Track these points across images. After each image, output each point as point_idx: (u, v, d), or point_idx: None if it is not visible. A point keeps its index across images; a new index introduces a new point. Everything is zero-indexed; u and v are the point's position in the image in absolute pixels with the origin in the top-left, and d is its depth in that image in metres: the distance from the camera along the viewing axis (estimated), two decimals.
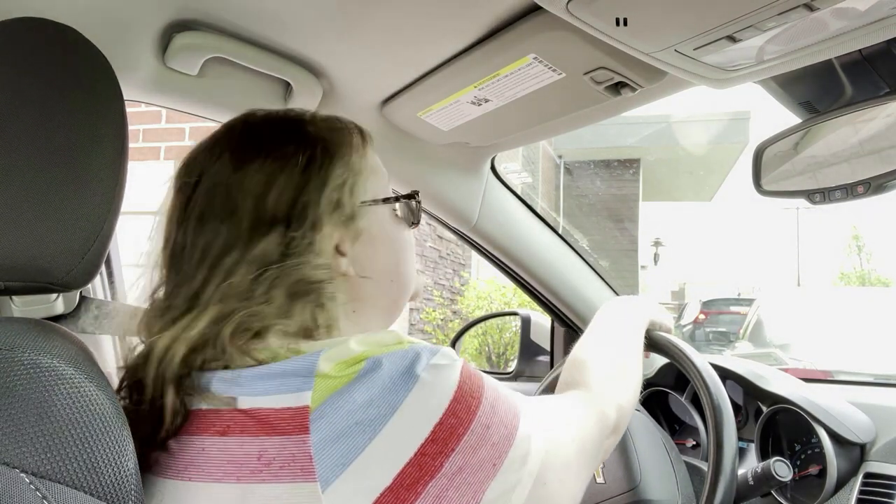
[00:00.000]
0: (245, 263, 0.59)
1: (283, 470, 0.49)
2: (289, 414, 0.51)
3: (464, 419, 0.53)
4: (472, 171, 1.29)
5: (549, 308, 1.50)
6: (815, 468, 1.02)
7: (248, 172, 0.62)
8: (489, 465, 0.54)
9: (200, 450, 0.53)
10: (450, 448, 0.52)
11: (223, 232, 0.60)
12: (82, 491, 0.45)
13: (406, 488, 0.50)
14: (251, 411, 0.52)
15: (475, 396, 0.55)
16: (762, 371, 1.18)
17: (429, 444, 0.51)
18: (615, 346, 0.85)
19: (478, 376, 0.57)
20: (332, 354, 0.54)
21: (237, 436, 0.52)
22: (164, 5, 0.82)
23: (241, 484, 0.50)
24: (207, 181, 0.63)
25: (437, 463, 0.51)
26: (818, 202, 0.86)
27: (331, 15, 0.83)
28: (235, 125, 0.68)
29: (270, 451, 0.50)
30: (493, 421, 0.55)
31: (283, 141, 0.65)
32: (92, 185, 0.53)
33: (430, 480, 0.50)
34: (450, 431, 0.52)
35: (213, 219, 0.61)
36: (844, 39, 0.65)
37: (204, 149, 0.67)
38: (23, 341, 0.48)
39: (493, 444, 0.54)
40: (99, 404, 0.48)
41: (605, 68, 0.83)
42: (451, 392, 0.54)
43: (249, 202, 0.61)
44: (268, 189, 0.61)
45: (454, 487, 0.51)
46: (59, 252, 0.51)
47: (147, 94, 0.96)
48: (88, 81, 0.55)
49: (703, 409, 0.89)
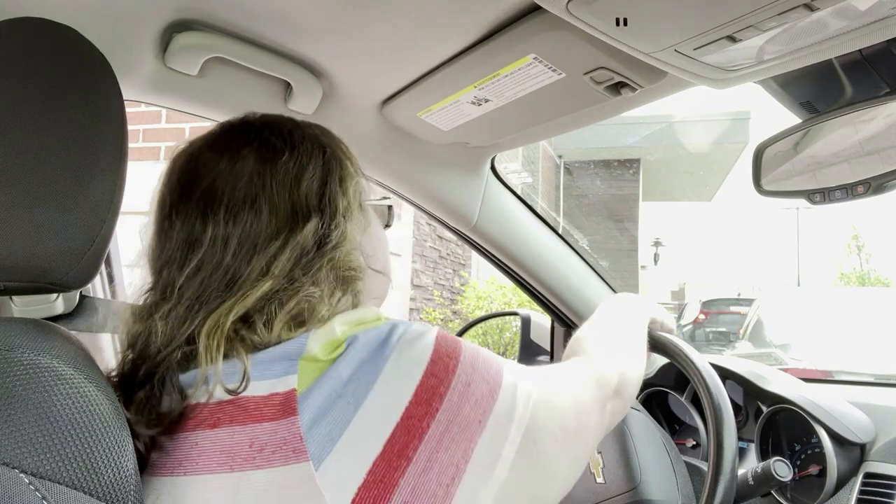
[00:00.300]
0: (288, 249, 0.61)
1: (276, 454, 0.50)
2: (277, 400, 0.52)
3: (443, 378, 0.55)
4: (471, 171, 1.29)
5: (549, 308, 1.50)
6: (815, 468, 1.02)
7: (276, 165, 0.65)
8: (475, 423, 0.55)
9: (193, 444, 0.54)
10: (434, 408, 0.53)
11: (262, 221, 0.62)
12: (82, 491, 0.45)
13: (397, 454, 0.51)
14: (239, 400, 0.53)
15: (452, 357, 0.57)
16: (762, 371, 1.18)
17: (413, 406, 0.53)
18: (618, 328, 0.86)
19: (454, 339, 0.60)
20: (320, 336, 0.56)
21: (227, 426, 0.53)
22: (164, 5, 0.82)
23: (234, 473, 0.51)
24: (229, 176, 0.64)
25: (423, 424, 0.53)
26: (818, 202, 0.86)
27: (331, 15, 0.83)
28: (252, 123, 0.70)
29: (262, 437, 0.51)
30: (474, 378, 0.57)
31: (300, 138, 0.69)
32: (92, 185, 0.53)
33: (419, 444, 0.52)
34: (431, 391, 0.54)
35: (247, 210, 0.63)
36: (844, 39, 0.65)
37: (211, 146, 0.67)
38: (22, 341, 0.49)
39: (477, 401, 0.56)
40: (98, 405, 0.48)
41: (605, 68, 0.83)
42: (427, 354, 0.56)
43: (284, 193, 0.64)
44: (299, 181, 0.65)
45: (443, 448, 0.53)
46: (58, 252, 0.51)
47: (147, 94, 0.95)
48: (88, 81, 0.55)
49: (704, 409, 0.89)
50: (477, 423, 0.55)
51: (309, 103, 1.02)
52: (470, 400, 0.55)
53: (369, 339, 0.56)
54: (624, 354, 0.80)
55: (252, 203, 0.63)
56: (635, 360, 0.82)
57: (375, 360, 0.54)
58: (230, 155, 0.65)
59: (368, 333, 0.56)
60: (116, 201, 0.56)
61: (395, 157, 1.20)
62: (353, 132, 1.12)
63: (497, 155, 1.30)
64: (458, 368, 0.57)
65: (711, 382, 0.88)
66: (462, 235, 1.38)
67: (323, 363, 0.54)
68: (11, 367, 0.46)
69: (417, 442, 0.52)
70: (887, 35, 0.64)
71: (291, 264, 0.61)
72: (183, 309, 0.59)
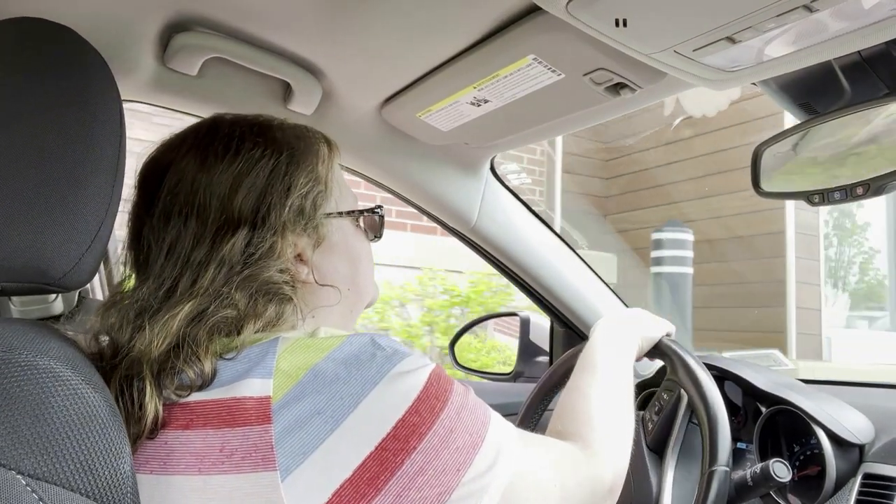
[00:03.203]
0: (214, 262, 0.60)
1: (245, 461, 0.50)
2: (251, 405, 0.52)
3: (426, 419, 0.54)
4: (471, 172, 1.28)
5: (549, 309, 1.50)
6: (814, 469, 1.02)
7: (214, 173, 0.63)
8: (453, 470, 0.54)
9: (163, 443, 0.53)
10: (411, 446, 0.52)
11: (190, 229, 0.61)
12: (78, 493, 0.45)
13: (366, 482, 0.50)
14: (212, 403, 0.53)
15: (441, 399, 0.56)
16: (761, 372, 1.17)
17: (390, 439, 0.52)
18: (612, 392, 0.80)
19: (448, 381, 0.58)
20: (294, 344, 0.55)
21: (200, 429, 0.53)
22: (163, 5, 0.82)
23: (202, 476, 0.51)
24: (172, 178, 0.63)
25: (397, 460, 0.52)
26: (817, 203, 0.86)
27: (330, 16, 0.83)
28: (202, 125, 0.69)
29: (233, 441, 0.51)
30: (457, 426, 0.55)
31: (250, 144, 0.66)
32: (89, 186, 0.53)
33: (390, 477, 0.51)
34: (411, 429, 0.53)
35: (179, 216, 0.62)
36: (843, 40, 0.65)
37: (170, 147, 0.67)
38: (20, 342, 0.48)
39: (457, 449, 0.55)
40: (95, 406, 0.48)
41: (604, 69, 0.83)
42: (416, 391, 0.54)
43: (216, 202, 0.62)
44: (234, 190, 0.63)
45: (416, 488, 0.52)
46: (57, 253, 0.51)
47: (146, 94, 0.95)
48: (86, 82, 0.55)
49: (695, 406, 0.91)
50: (455, 470, 0.54)
51: (308, 104, 1.02)
52: (450, 447, 0.54)
53: (360, 358, 0.54)
54: (621, 434, 0.75)
55: (181, 210, 0.62)
56: (629, 435, 0.77)
57: (363, 384, 0.53)
58: (175, 156, 0.65)
59: (360, 352, 0.55)
60: (115, 202, 0.56)
61: (395, 158, 1.20)
62: (353, 133, 1.12)
63: (497, 155, 1.30)
64: (444, 413, 0.55)
65: (705, 384, 0.89)
66: (461, 236, 1.38)
67: (299, 371, 0.53)
68: (9, 369, 0.46)
69: (389, 475, 0.51)
70: (886, 36, 0.64)
71: (220, 280, 0.59)
72: (132, 313, 0.59)
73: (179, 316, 0.57)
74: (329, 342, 0.55)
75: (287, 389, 0.52)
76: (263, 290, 0.61)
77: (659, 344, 0.98)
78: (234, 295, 0.59)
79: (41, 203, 0.50)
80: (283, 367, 0.53)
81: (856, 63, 0.79)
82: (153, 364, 0.55)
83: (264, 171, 0.64)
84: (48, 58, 0.53)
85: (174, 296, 0.59)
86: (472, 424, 0.57)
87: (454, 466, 0.54)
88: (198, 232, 0.61)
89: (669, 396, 0.97)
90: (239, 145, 0.65)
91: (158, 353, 0.55)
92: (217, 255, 0.60)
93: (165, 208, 0.62)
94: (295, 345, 0.56)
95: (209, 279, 0.59)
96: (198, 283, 0.59)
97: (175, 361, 0.55)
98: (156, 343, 0.55)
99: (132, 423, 0.54)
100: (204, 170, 0.63)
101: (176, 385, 0.55)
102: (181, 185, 0.63)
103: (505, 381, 1.67)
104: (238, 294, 0.59)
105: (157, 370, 0.55)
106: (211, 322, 0.57)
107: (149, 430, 0.54)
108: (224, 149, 0.65)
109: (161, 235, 0.61)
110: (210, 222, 0.61)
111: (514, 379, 1.67)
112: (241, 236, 0.61)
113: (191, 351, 0.55)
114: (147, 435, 0.54)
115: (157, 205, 0.63)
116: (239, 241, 0.61)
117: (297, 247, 0.65)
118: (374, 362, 0.54)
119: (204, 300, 0.58)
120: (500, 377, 1.71)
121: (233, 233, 0.61)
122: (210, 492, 0.50)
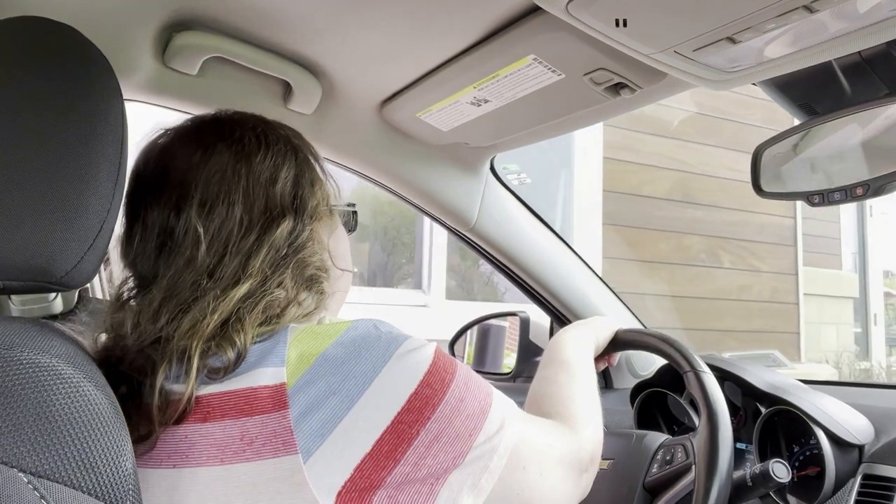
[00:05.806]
0: (265, 247, 0.62)
1: (266, 447, 0.51)
2: (266, 393, 0.53)
3: (438, 390, 0.57)
4: (471, 172, 1.28)
5: (549, 308, 1.50)
6: (814, 469, 1.02)
7: (252, 163, 0.65)
8: (465, 435, 0.57)
9: (183, 437, 0.54)
10: (425, 417, 0.55)
11: (235, 217, 0.62)
12: (80, 490, 0.45)
13: (385, 455, 0.53)
14: (228, 394, 0.54)
15: (449, 371, 0.59)
16: (761, 372, 1.17)
17: (405, 412, 0.55)
18: (578, 378, 0.84)
19: (451, 357, 0.62)
20: (303, 332, 0.57)
21: (218, 420, 0.53)
22: (163, 5, 0.82)
23: (224, 465, 0.52)
24: (202, 170, 0.64)
25: (413, 431, 0.55)
26: (817, 204, 0.86)
27: (330, 15, 0.83)
28: (223, 119, 0.70)
29: (252, 430, 0.52)
30: (467, 395, 0.59)
31: (275, 137, 0.69)
32: (91, 185, 0.53)
33: (407, 448, 0.54)
34: (425, 401, 0.56)
35: (221, 204, 0.63)
36: (844, 41, 0.65)
37: (183, 139, 0.67)
38: (21, 340, 0.49)
39: (469, 415, 0.58)
40: (97, 404, 0.48)
41: (604, 69, 0.83)
42: (426, 365, 0.58)
43: (259, 190, 0.64)
44: (274, 179, 0.65)
45: (432, 455, 0.55)
46: (57, 251, 0.51)
47: (146, 93, 0.95)
48: (88, 80, 0.55)
49: (695, 400, 0.92)
50: (467, 436, 0.57)
51: (308, 103, 1.02)
52: (462, 414, 0.58)
53: (368, 340, 0.57)
54: (597, 412, 0.80)
55: (226, 198, 0.63)
56: (600, 412, 0.81)
57: (374, 363, 0.56)
58: (204, 148, 0.65)
59: (368, 334, 0.58)
60: (116, 200, 0.56)
61: (395, 158, 1.20)
62: (353, 132, 1.12)
63: (496, 155, 1.30)
64: (454, 383, 0.59)
65: (690, 357, 0.92)
66: (461, 236, 1.38)
67: (311, 356, 0.55)
68: (11, 367, 0.46)
69: (406, 446, 0.54)
70: (887, 37, 0.64)
71: (267, 264, 0.62)
72: (156, 303, 0.59)
73: (235, 296, 0.58)
74: (335, 328, 0.58)
75: (300, 374, 0.54)
76: (308, 277, 0.65)
77: (616, 337, 1.00)
78: (283, 278, 0.62)
79: (43, 202, 0.50)
80: (295, 354, 0.55)
81: (856, 63, 0.79)
82: (202, 343, 0.56)
83: (292, 163, 0.68)
84: (51, 56, 0.53)
85: (222, 279, 0.60)
86: (479, 393, 0.61)
87: (466, 432, 0.58)
88: (243, 219, 0.63)
89: (683, 455, 0.96)
90: (267, 138, 0.68)
91: (211, 331, 0.56)
92: (267, 240, 0.62)
93: (204, 198, 0.63)
94: (304, 333, 0.58)
95: (259, 263, 0.61)
96: (249, 267, 0.61)
97: (220, 340, 0.56)
98: (209, 321, 0.56)
99: (156, 414, 0.54)
100: (241, 160, 0.65)
101: (208, 368, 0.55)
102: (217, 177, 0.64)
103: (504, 380, 1.67)
104: (287, 277, 0.62)
105: (202, 350, 0.56)
106: (264, 301, 0.59)
107: (180, 413, 0.54)
108: (257, 140, 0.67)
109: (202, 224, 0.62)
110: (256, 210, 0.64)
111: (514, 379, 1.67)
112: (287, 223, 0.64)
113: (240, 326, 0.57)
114: (175, 420, 0.54)
115: (184, 195, 0.63)
116: (285, 227, 0.64)
117: (321, 233, 0.70)
118: (380, 343, 0.57)
119: (258, 279, 0.60)
120: (500, 377, 1.71)
121: (279, 220, 0.64)
122: (233, 480, 0.51)
